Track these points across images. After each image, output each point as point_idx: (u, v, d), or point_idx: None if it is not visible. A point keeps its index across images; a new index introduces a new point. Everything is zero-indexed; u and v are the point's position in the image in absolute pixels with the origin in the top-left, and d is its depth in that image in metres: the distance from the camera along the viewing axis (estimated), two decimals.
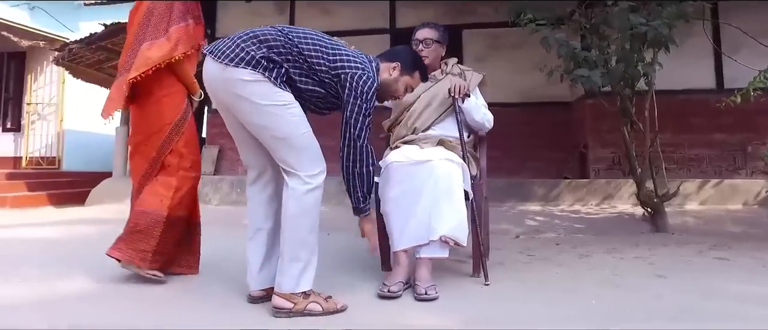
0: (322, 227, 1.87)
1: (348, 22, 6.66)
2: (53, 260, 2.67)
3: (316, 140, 1.83)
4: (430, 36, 2.59)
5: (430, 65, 2.59)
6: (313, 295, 1.73)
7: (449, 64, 2.72)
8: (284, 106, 1.74)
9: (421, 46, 2.60)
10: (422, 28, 2.64)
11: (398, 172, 2.23)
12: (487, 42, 6.01)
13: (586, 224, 4.20)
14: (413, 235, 2.15)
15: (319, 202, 1.79)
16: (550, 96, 5.77)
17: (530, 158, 5.88)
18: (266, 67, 1.73)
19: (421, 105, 2.56)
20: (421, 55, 2.55)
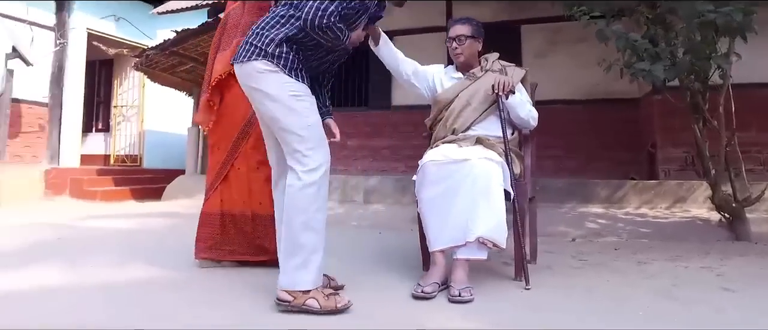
0: (375, 226, 1.88)
1: (405, 22, 6.65)
2: (122, 249, 2.91)
3: (323, 136, 1.81)
4: (463, 32, 2.51)
5: (465, 62, 2.55)
6: (315, 291, 1.69)
7: (489, 60, 2.63)
8: (295, 96, 1.75)
9: (454, 44, 2.53)
10: (455, 24, 2.56)
11: (435, 172, 2.21)
12: (547, 37, 5.76)
13: (653, 229, 3.92)
14: (450, 236, 2.11)
15: (317, 199, 1.72)
16: (616, 92, 5.42)
17: (595, 158, 5.58)
18: (276, 54, 1.74)
19: (461, 104, 2.48)
20: (457, 51, 2.53)
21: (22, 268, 2.35)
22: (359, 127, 6.71)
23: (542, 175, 5.66)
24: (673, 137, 4.70)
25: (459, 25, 2.54)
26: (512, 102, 2.38)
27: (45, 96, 6.89)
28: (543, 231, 3.99)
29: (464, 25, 2.52)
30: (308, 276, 1.69)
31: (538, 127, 5.71)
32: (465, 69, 2.59)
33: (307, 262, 1.70)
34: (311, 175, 1.71)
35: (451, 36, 2.54)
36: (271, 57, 1.74)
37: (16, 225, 4.03)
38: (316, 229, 1.73)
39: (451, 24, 2.57)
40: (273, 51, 1.74)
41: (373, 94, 6.70)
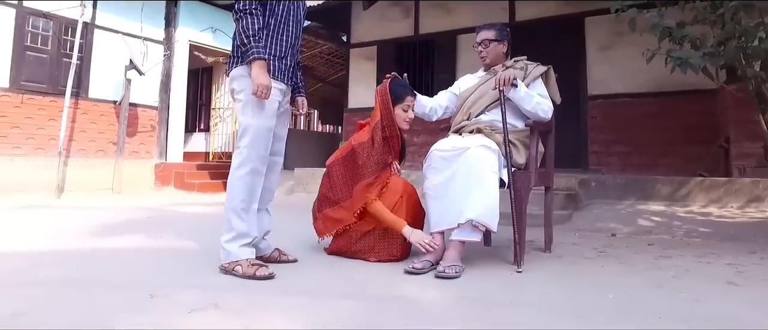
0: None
1: (469, 20, 6.74)
2: (183, 227, 3.46)
3: (261, 134, 2.11)
4: (487, 37, 2.76)
5: (490, 63, 2.79)
6: (242, 261, 2.02)
7: (513, 60, 2.77)
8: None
9: (479, 47, 2.79)
10: (481, 29, 2.82)
11: (437, 160, 2.40)
12: (612, 28, 5.51)
13: (714, 228, 3.64)
14: (446, 219, 2.29)
15: (241, 183, 2.08)
16: (691, 83, 5.02)
17: (665, 154, 5.23)
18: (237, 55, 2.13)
19: (477, 95, 2.71)
20: (482, 54, 2.76)
21: (116, 235, 3.07)
22: (425, 124, 6.83)
23: (608, 172, 5.46)
24: (748, 131, 4.29)
25: (484, 30, 2.80)
26: (514, 95, 2.48)
27: (155, 100, 7.99)
28: (591, 227, 3.96)
29: (489, 31, 2.78)
30: (235, 250, 2.04)
31: (603, 123, 5.68)
32: (490, 68, 2.79)
33: (236, 237, 2.06)
34: (237, 160, 2.12)
35: (477, 40, 2.79)
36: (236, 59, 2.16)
37: (126, 207, 4.97)
38: (238, 213, 2.08)
39: (478, 29, 2.83)
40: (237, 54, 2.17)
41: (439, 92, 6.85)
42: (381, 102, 2.52)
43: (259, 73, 2.02)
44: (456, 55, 6.79)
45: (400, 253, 2.42)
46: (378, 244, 2.42)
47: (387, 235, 2.41)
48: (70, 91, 6.57)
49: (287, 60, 2.22)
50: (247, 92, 2.08)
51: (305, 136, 11.03)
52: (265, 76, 2.04)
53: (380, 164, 2.47)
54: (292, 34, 2.24)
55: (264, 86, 2.02)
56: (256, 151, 2.10)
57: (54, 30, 6.76)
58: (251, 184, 2.11)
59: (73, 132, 6.93)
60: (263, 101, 2.08)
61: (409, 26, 7.35)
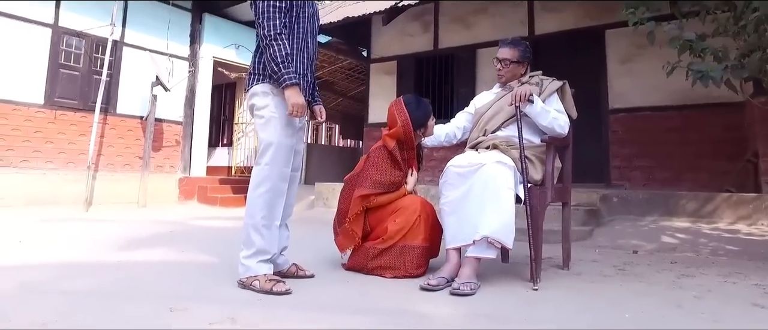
0: None
1: (488, 34, 6.76)
2: (204, 242, 3.52)
3: (282, 151, 2.14)
4: (507, 57, 2.75)
5: (506, 82, 2.79)
6: (260, 276, 2.06)
7: (528, 76, 2.77)
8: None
9: (498, 65, 2.78)
10: (504, 46, 2.79)
11: (453, 176, 2.41)
12: (633, 41, 5.45)
13: (743, 247, 3.53)
14: (461, 236, 2.30)
15: (261, 201, 2.11)
16: (715, 96, 4.92)
17: (690, 168, 5.11)
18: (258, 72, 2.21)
19: (493, 111, 2.71)
20: (499, 73, 2.77)
21: (141, 248, 3.18)
22: None
23: (631, 187, 5.36)
24: None
25: (507, 48, 2.77)
26: (530, 111, 2.48)
27: (180, 115, 8.21)
28: (613, 243, 3.90)
29: (512, 50, 2.75)
30: (253, 266, 2.08)
31: (625, 137, 5.60)
32: (505, 85, 2.82)
33: (255, 253, 2.09)
34: (256, 178, 2.16)
35: (497, 57, 2.78)
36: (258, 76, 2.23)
37: (150, 221, 5.10)
38: (259, 229, 2.11)
39: (501, 44, 2.81)
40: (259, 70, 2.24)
41: (459, 106, 6.86)
42: (400, 121, 2.57)
43: (294, 95, 2.07)
44: (475, 69, 6.81)
45: (417, 272, 2.42)
46: (394, 262, 2.42)
47: (404, 253, 2.42)
48: (99, 107, 6.80)
49: (307, 77, 2.28)
50: (271, 109, 2.13)
51: (326, 150, 11.13)
52: (300, 96, 2.10)
53: (389, 182, 2.55)
54: (311, 51, 2.31)
55: (300, 106, 2.08)
56: (277, 167, 2.13)
57: (86, 48, 7.04)
58: (272, 201, 2.14)
59: (102, 146, 7.16)
60: (288, 119, 2.14)
61: (429, 41, 7.41)
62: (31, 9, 6.51)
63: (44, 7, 6.65)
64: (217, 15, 8.76)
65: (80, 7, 6.96)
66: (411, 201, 2.53)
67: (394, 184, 2.57)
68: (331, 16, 7.97)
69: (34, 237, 3.60)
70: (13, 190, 6.14)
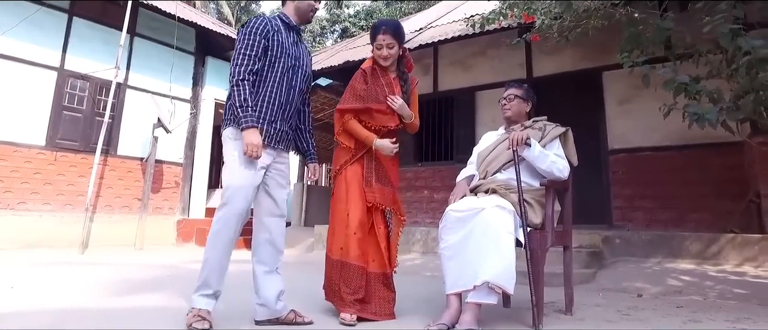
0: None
1: (487, 76, 6.87)
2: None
3: (239, 192, 2.16)
4: (512, 92, 2.85)
5: (512, 118, 2.83)
6: (198, 310, 2.11)
7: (532, 120, 2.79)
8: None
9: (504, 101, 2.85)
10: (509, 87, 2.91)
11: (452, 221, 2.38)
12: (630, 82, 5.51)
13: (751, 290, 3.44)
14: (461, 281, 2.24)
15: (214, 237, 2.16)
16: (715, 136, 4.89)
17: (693, 209, 5.06)
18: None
19: (494, 155, 2.72)
20: (505, 108, 2.84)
21: (136, 293, 3.10)
22: (445, 180, 6.92)
23: (633, 228, 5.30)
24: None
25: (511, 88, 2.90)
26: (528, 155, 2.48)
27: (180, 157, 8.24)
28: (617, 286, 3.82)
29: (516, 88, 2.88)
30: (195, 298, 2.14)
31: (625, 177, 5.59)
32: (509, 126, 2.85)
33: (199, 287, 2.15)
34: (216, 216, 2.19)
35: (503, 96, 2.88)
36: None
37: (147, 264, 5.00)
38: (210, 263, 2.15)
39: (506, 87, 2.92)
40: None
41: (458, 147, 6.90)
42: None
43: (249, 135, 2.13)
44: (475, 111, 6.87)
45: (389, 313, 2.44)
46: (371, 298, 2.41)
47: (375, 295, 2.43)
48: (100, 148, 6.84)
49: (277, 124, 2.29)
50: (231, 152, 2.22)
51: (325, 192, 11.09)
52: (256, 136, 2.14)
53: (368, 96, 2.57)
54: (288, 98, 2.33)
55: (253, 145, 2.12)
56: (232, 208, 2.16)
57: (89, 91, 7.15)
58: (225, 240, 2.17)
59: (101, 188, 7.15)
60: (246, 161, 2.17)
61: (429, 84, 7.52)
62: (39, 52, 6.65)
63: (52, 51, 6.80)
64: (219, 58, 8.94)
65: (86, 51, 7.12)
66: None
67: (373, 100, 2.55)
68: (331, 60, 8.15)
69: (28, 282, 3.53)
70: (8, 233, 6.08)
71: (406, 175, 7.33)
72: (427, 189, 7.10)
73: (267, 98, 2.26)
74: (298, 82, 2.39)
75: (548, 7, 3.68)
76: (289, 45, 2.34)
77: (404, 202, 7.39)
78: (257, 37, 2.23)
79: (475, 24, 4.17)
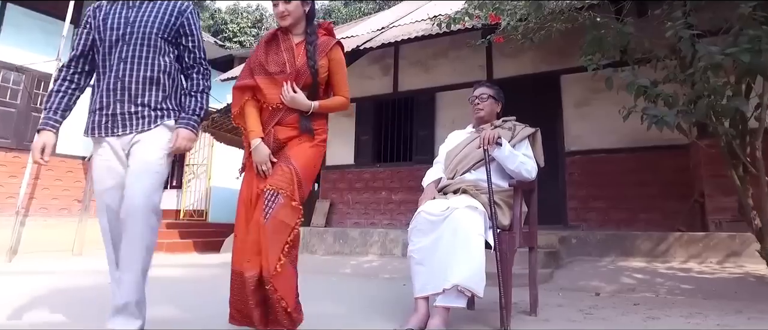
0: (407, 278, 2.09)
1: (447, 78, 6.89)
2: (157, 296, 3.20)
3: (98, 199, 2.03)
4: (485, 92, 2.81)
5: (484, 118, 2.78)
6: None
7: (501, 120, 2.77)
8: None
9: (476, 101, 2.80)
10: (479, 86, 2.87)
11: (423, 223, 2.31)
12: (588, 86, 5.68)
13: (696, 285, 3.60)
14: (431, 284, 2.17)
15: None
16: (665, 139, 5.12)
17: (644, 209, 5.26)
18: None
19: (463, 154, 2.66)
20: (478, 108, 2.78)
21: (66, 307, 2.76)
22: (404, 181, 6.88)
23: (588, 228, 5.44)
24: (722, 185, 4.35)
25: (482, 87, 2.86)
26: (498, 154, 2.45)
27: None
28: (574, 285, 3.88)
29: (488, 88, 2.84)
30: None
31: (581, 179, 5.68)
32: (479, 125, 2.81)
33: None
34: None
35: (475, 95, 2.82)
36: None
37: (82, 271, 4.64)
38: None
39: (476, 86, 2.89)
40: None
41: (418, 148, 6.88)
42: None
43: (38, 136, 2.00)
44: (435, 112, 6.87)
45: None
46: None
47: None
48: None
49: (108, 109, 1.98)
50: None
51: None
52: (41, 138, 1.99)
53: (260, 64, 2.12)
54: (113, 79, 1.99)
55: (34, 147, 1.98)
56: (99, 216, 2.02)
57: (25, 84, 6.62)
58: (107, 250, 2.02)
59: (35, 189, 6.63)
60: (95, 163, 2.05)
61: (388, 84, 7.46)
62: None
63: None
64: None
65: (22, 41, 6.59)
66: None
67: (265, 73, 2.09)
68: None
69: None
70: None
71: (363, 175, 7.25)
72: (385, 190, 7.03)
73: (98, 85, 2.05)
74: (133, 51, 1.99)
75: (515, 8, 3.69)
76: (116, 16, 2.03)
77: (362, 203, 7.36)
78: (79, 37, 2.11)
79: (441, 23, 4.13)
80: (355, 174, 7.32)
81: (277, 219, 1.91)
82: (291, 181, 1.98)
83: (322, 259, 5.60)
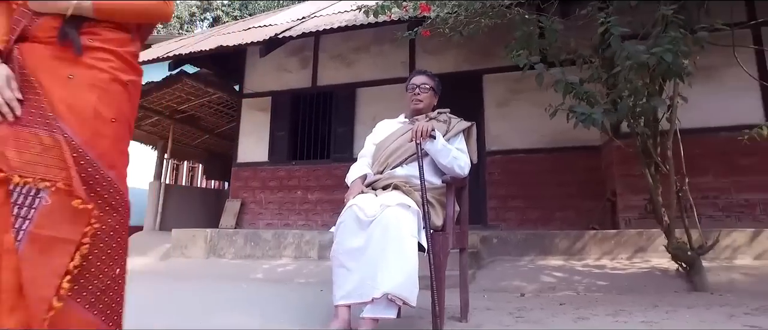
0: (324, 283, 1.70)
1: (369, 73, 6.68)
2: None
3: None
4: (425, 82, 2.61)
5: (421, 110, 2.58)
6: None
7: (436, 112, 2.60)
8: None
9: (416, 90, 2.58)
10: (419, 74, 2.67)
11: (352, 221, 2.05)
12: (509, 86, 5.76)
13: (611, 281, 3.72)
14: (358, 292, 1.92)
15: None
16: (580, 139, 5.35)
17: (560, 208, 5.41)
18: None
19: (395, 145, 2.45)
20: (417, 98, 2.56)
21: None
22: (321, 179, 6.56)
23: (506, 227, 5.50)
24: (632, 184, 4.57)
25: (423, 75, 2.64)
26: (430, 148, 2.26)
27: None
28: (496, 286, 3.83)
29: (429, 78, 2.64)
30: None
31: (500, 178, 5.64)
32: (413, 116, 2.59)
33: None
34: None
35: (415, 83, 2.59)
36: None
37: None
38: None
39: (415, 73, 2.68)
40: None
41: (336, 146, 6.60)
42: None
43: None
44: (355, 108, 6.63)
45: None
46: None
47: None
48: None
49: None
50: None
51: (186, 193, 9.93)
52: None
53: None
54: None
55: None
56: None
57: None
58: None
59: None
60: None
61: (307, 77, 7.11)
62: None
63: None
64: None
65: None
66: None
67: None
68: (202, 44, 7.26)
69: None
70: None
71: (278, 173, 6.83)
72: (300, 189, 6.67)
73: None
74: None
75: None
76: None
77: (276, 203, 6.92)
78: None
79: (368, 11, 3.89)
80: (269, 172, 6.87)
81: (43, 236, 1.09)
82: (62, 160, 1.12)
83: (231, 264, 5.14)
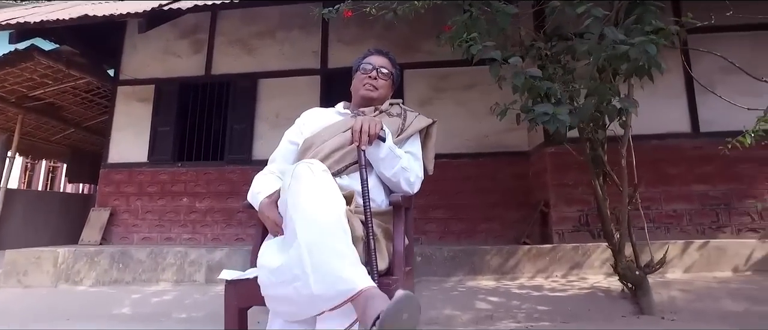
0: (212, 316, 1.19)
1: (274, 62, 5.80)
2: None
3: None
4: (387, 66, 1.92)
5: (374, 99, 1.88)
6: None
7: (387, 103, 1.92)
8: None
9: (374, 73, 1.87)
10: (379, 55, 1.95)
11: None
12: (432, 83, 5.24)
13: (552, 306, 3.28)
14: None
15: None
16: (508, 145, 5.00)
17: (484, 219, 4.98)
18: None
19: (332, 144, 1.69)
20: (373, 84, 1.85)
21: None
22: (212, 185, 5.54)
23: (427, 241, 4.96)
24: (566, 194, 4.25)
25: (384, 57, 1.95)
26: (373, 155, 1.55)
27: None
28: (424, 316, 3.20)
29: (389, 61, 1.95)
30: None
31: (420, 186, 4.66)
32: (360, 107, 1.88)
33: None
34: None
35: (373, 64, 1.88)
36: None
37: None
38: None
39: (374, 52, 1.96)
40: None
41: (232, 145, 5.61)
42: None
43: None
44: (256, 102, 5.67)
45: None
46: None
47: None
48: None
49: None
50: None
51: (40, 199, 8.00)
52: None
53: None
54: None
55: None
56: None
57: None
58: None
59: None
60: None
61: (200, 64, 6.01)
62: None
63: None
64: None
65: None
66: None
67: None
68: (61, 13, 5.77)
69: None
70: None
71: (160, 177, 5.66)
72: (187, 196, 5.57)
73: None
74: None
75: None
76: None
77: (155, 213, 5.67)
78: None
79: None
80: (148, 174, 5.67)
81: None
82: None
83: (89, 294, 4.01)
